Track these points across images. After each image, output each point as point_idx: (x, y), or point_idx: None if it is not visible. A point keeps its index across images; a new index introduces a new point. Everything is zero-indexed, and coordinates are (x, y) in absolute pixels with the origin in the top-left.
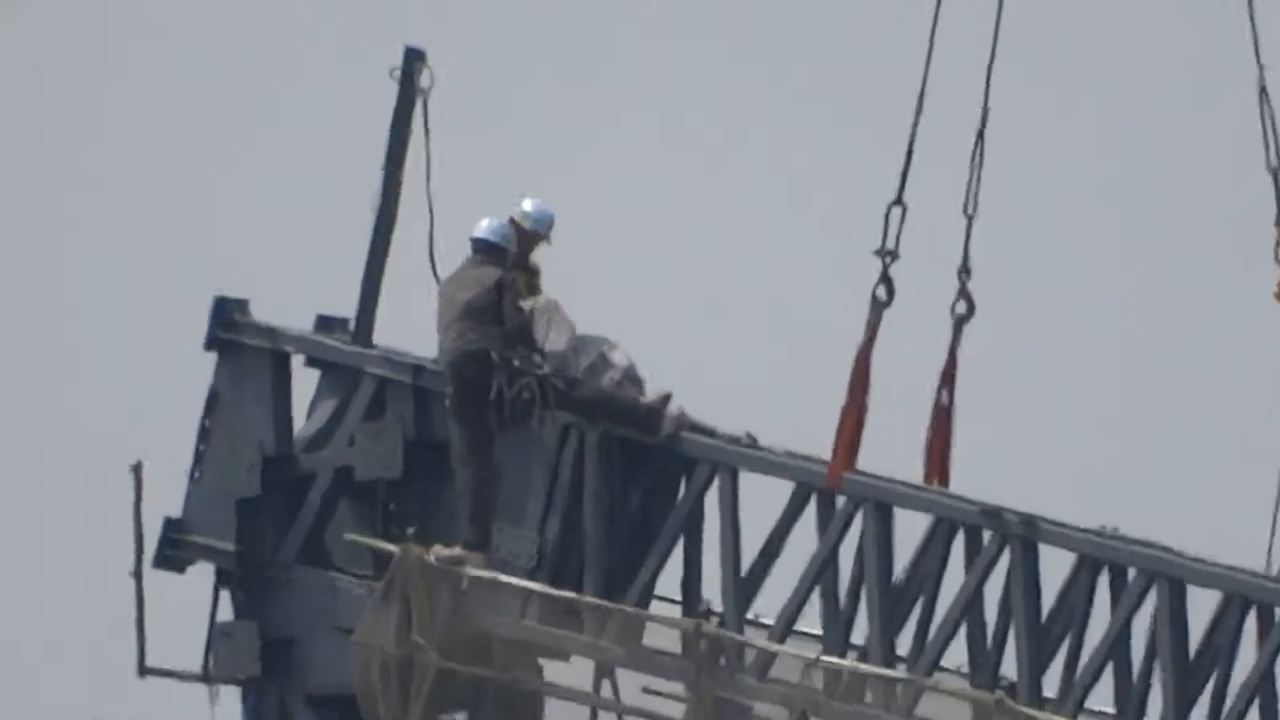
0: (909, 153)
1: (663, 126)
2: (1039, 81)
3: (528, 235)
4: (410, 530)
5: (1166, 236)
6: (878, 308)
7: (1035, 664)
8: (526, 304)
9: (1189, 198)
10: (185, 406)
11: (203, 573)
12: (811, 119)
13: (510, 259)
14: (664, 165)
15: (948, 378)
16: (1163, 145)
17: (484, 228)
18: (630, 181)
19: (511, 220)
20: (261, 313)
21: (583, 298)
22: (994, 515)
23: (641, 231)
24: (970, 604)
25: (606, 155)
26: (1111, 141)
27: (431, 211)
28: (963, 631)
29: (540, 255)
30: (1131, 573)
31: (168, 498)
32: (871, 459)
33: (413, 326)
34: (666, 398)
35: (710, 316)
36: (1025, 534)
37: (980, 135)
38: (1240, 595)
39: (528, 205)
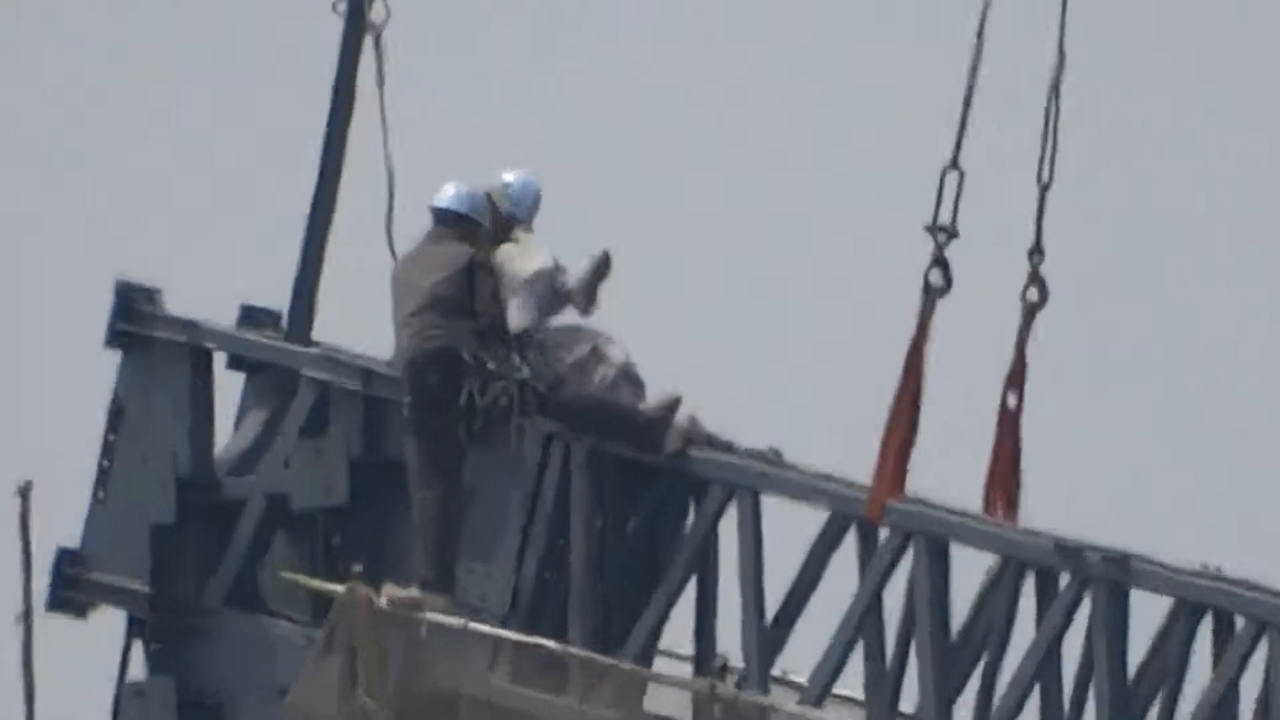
0: (966, 102)
1: (670, 67)
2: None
3: (503, 218)
4: (357, 568)
5: None
6: (931, 296)
7: None
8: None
9: None
10: (84, 416)
11: (109, 618)
12: (845, 55)
13: (484, 234)
14: (670, 117)
15: (1016, 380)
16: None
17: (450, 194)
18: (633, 138)
19: (488, 196)
20: (175, 303)
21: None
22: (1073, 553)
23: (642, 199)
24: (1045, 660)
25: (606, 106)
26: (1215, 92)
27: (390, 176)
28: (1035, 693)
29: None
30: (1240, 621)
31: (64, 526)
32: (923, 482)
33: (362, 320)
34: (673, 404)
35: (724, 305)
36: (1112, 576)
37: (1055, 87)
38: None
39: (509, 177)
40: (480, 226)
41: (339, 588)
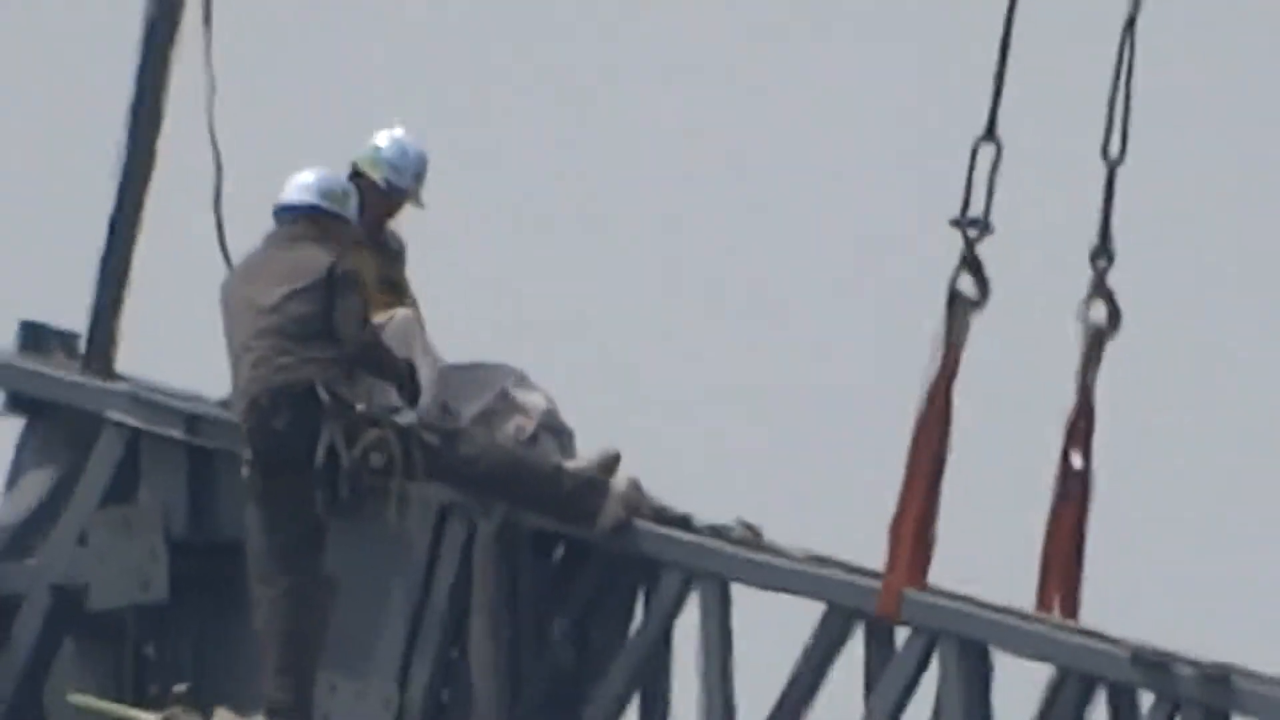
0: (1003, 54)
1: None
2: None
3: (381, 193)
4: (179, 688)
5: None
6: (961, 311)
7: None
8: (379, 319)
9: None
10: None
11: None
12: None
13: (350, 233)
14: (609, 82)
15: (1079, 431)
16: None
17: (300, 185)
18: (547, 100)
19: (354, 170)
20: None
21: (473, 296)
22: (1158, 666)
23: (563, 185)
24: None
25: (519, 67)
26: None
27: (218, 160)
28: None
29: (405, 222)
30: None
31: None
32: (951, 568)
33: (184, 346)
34: (612, 462)
35: (683, 330)
36: (1208, 697)
37: (1131, 21)
38: None
39: (382, 141)
40: (343, 222)
41: (153, 717)
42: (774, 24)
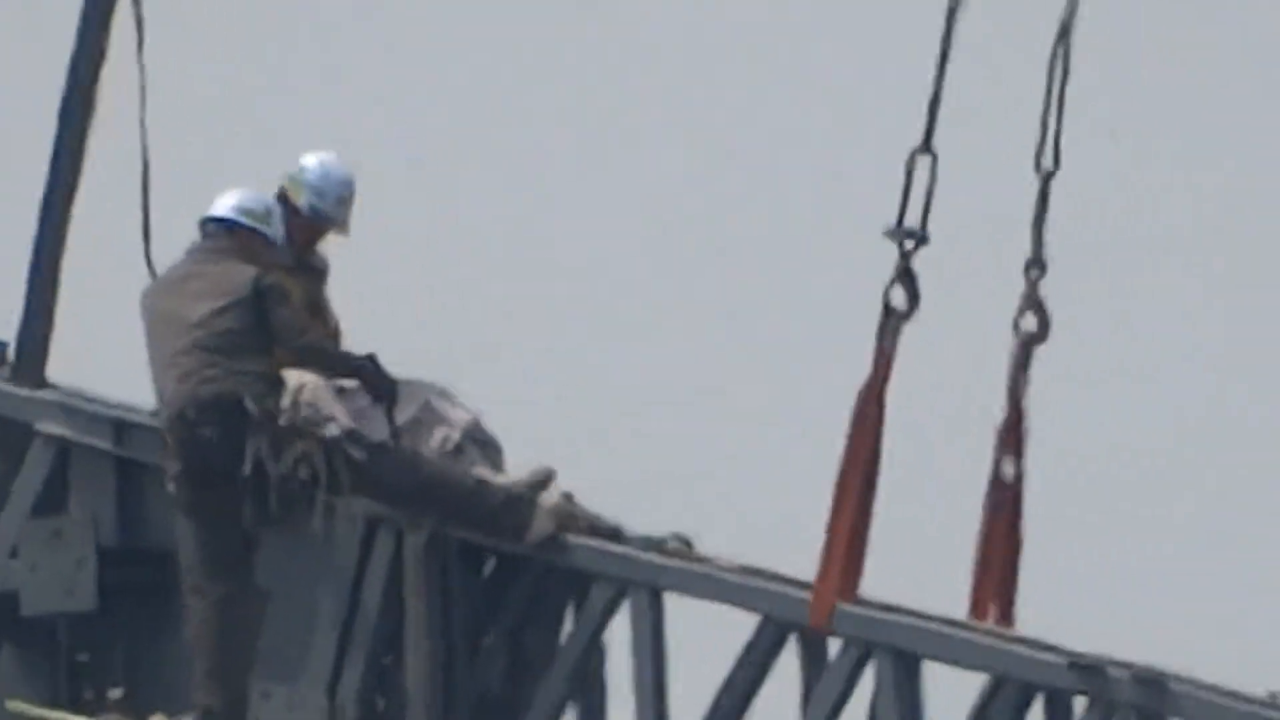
0: (941, 65)
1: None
2: None
3: (305, 220)
4: (113, 694)
5: None
6: (893, 321)
7: None
8: (292, 383)
9: None
10: None
11: None
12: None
13: (273, 252)
14: (555, 80)
15: (1011, 439)
16: None
17: (224, 201)
18: (491, 114)
19: (281, 192)
20: None
21: (400, 316)
22: (1093, 671)
23: (498, 200)
24: None
25: (462, 76)
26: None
27: (146, 163)
28: None
29: (330, 247)
30: None
31: None
32: (884, 579)
33: (113, 355)
34: (543, 477)
35: (613, 339)
36: (1144, 702)
37: (1065, 31)
38: None
39: (309, 162)
40: (264, 240)
41: None
42: (710, 43)
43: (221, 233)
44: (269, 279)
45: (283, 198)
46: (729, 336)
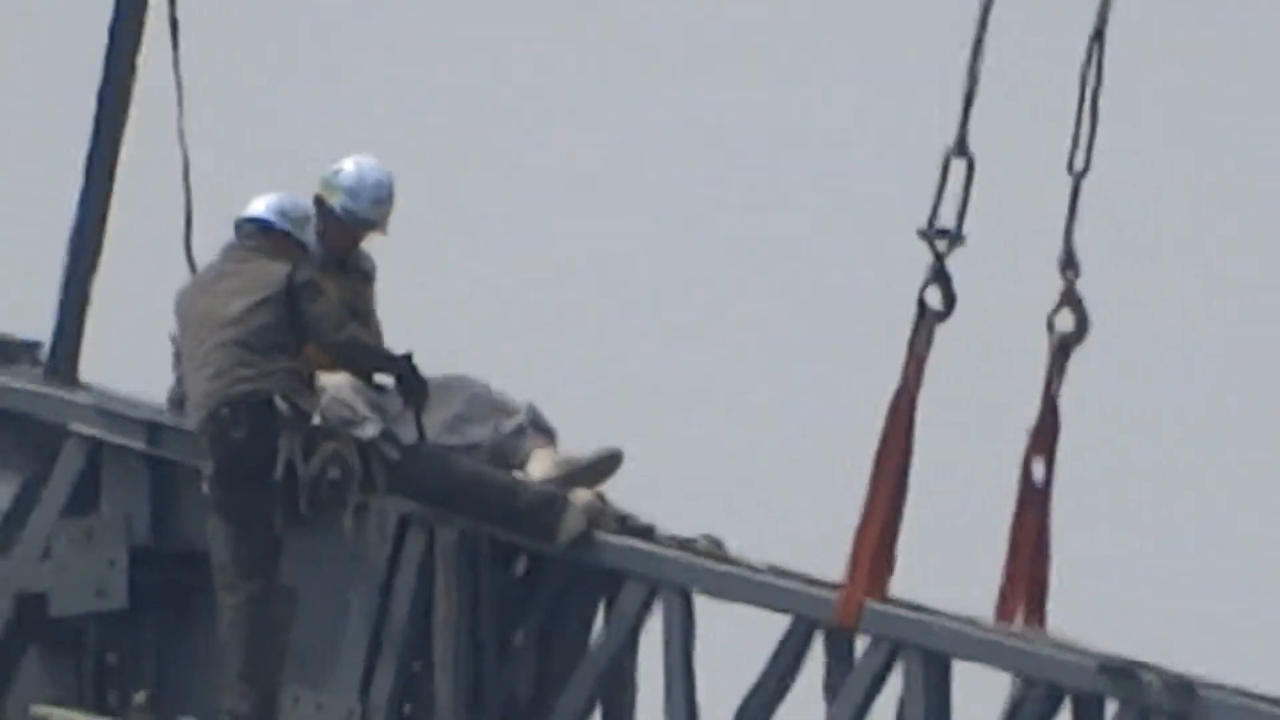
0: (973, 70)
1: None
2: None
3: (339, 218)
4: (140, 696)
5: None
6: (927, 322)
7: None
8: (324, 383)
9: None
10: None
11: None
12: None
13: (304, 257)
14: (587, 99)
15: (1043, 442)
16: None
17: (262, 201)
18: (533, 124)
19: (318, 197)
20: None
21: (431, 318)
22: (1123, 674)
23: (532, 205)
24: None
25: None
26: None
27: (186, 167)
28: None
29: (374, 247)
30: None
31: None
32: (913, 580)
33: (148, 356)
34: (608, 455)
35: (645, 341)
36: (1175, 706)
37: (1098, 36)
38: None
39: (345, 164)
40: (297, 244)
41: None
42: (735, 44)
43: (257, 232)
44: (303, 275)
45: (319, 200)
46: (761, 337)
